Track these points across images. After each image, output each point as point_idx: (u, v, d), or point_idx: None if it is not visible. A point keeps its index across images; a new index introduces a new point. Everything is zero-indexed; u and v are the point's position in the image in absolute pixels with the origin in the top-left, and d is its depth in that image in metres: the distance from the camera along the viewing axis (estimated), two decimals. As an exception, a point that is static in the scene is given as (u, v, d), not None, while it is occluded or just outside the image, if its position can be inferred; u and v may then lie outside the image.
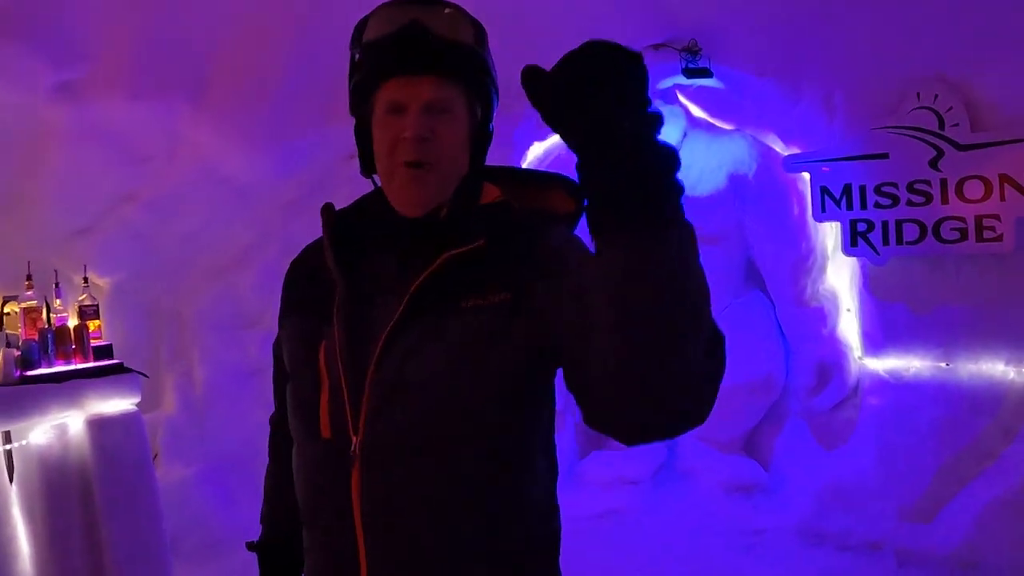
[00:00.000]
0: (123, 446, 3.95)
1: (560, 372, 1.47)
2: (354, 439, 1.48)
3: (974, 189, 4.50)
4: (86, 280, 4.43)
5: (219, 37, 4.45)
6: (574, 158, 1.20)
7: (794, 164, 5.06)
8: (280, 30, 4.49)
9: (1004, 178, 4.43)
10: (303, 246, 1.81)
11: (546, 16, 4.73)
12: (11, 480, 3.69)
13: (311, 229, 1.79)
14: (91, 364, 4.12)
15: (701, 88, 5.18)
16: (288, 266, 1.78)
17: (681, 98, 5.31)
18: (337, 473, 1.49)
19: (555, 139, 5.28)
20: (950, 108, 4.53)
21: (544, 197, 1.65)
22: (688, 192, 4.35)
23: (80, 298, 4.38)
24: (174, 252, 4.83)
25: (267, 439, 1.97)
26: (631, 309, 1.18)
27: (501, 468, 1.49)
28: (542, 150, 5.30)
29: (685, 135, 5.50)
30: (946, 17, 4.42)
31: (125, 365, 4.19)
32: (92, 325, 4.33)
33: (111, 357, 4.28)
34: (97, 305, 4.39)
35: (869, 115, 4.77)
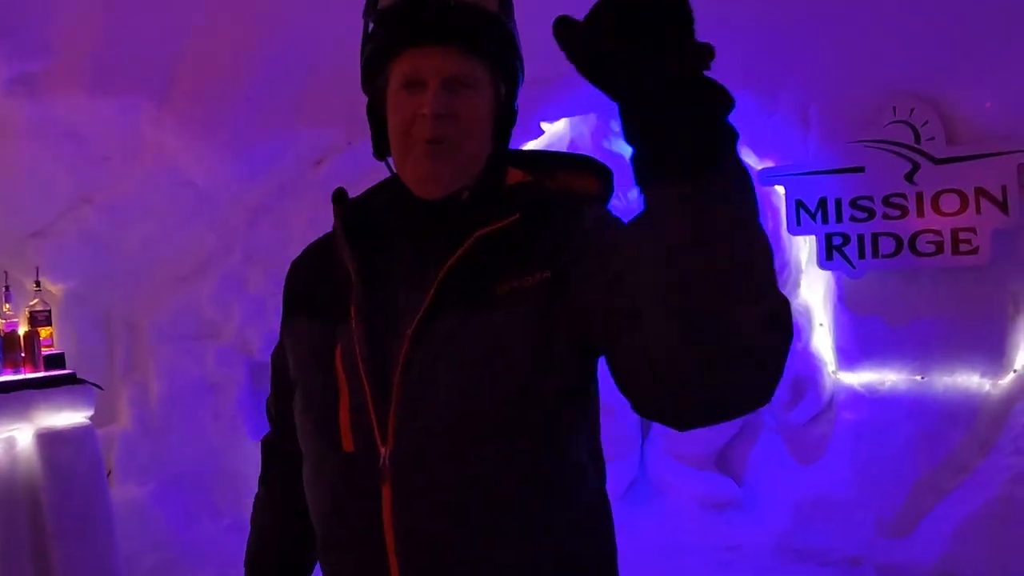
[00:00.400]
0: (75, 462, 3.76)
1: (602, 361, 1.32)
2: (382, 450, 1.31)
3: (950, 202, 4.53)
4: (38, 284, 4.20)
5: (187, 35, 4.30)
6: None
7: (769, 177, 5.04)
8: (250, 31, 4.34)
9: (980, 191, 4.45)
10: (267, 255, 1.66)
11: (530, 29, 4.65)
12: None
13: (275, 237, 1.66)
14: (42, 374, 3.92)
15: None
16: (288, 267, 1.61)
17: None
18: (364, 491, 1.32)
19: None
20: (926, 122, 4.56)
21: (571, 179, 1.48)
22: None
23: (31, 303, 4.14)
24: (132, 258, 4.61)
25: (226, 455, 1.83)
26: (685, 271, 1.02)
27: (552, 472, 1.34)
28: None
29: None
30: (922, 31, 4.46)
31: (78, 376, 3.98)
32: (43, 332, 4.10)
33: (63, 367, 4.06)
34: (49, 311, 4.16)
35: (845, 128, 4.78)
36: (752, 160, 5.25)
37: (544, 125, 5.00)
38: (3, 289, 4.09)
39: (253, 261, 4.66)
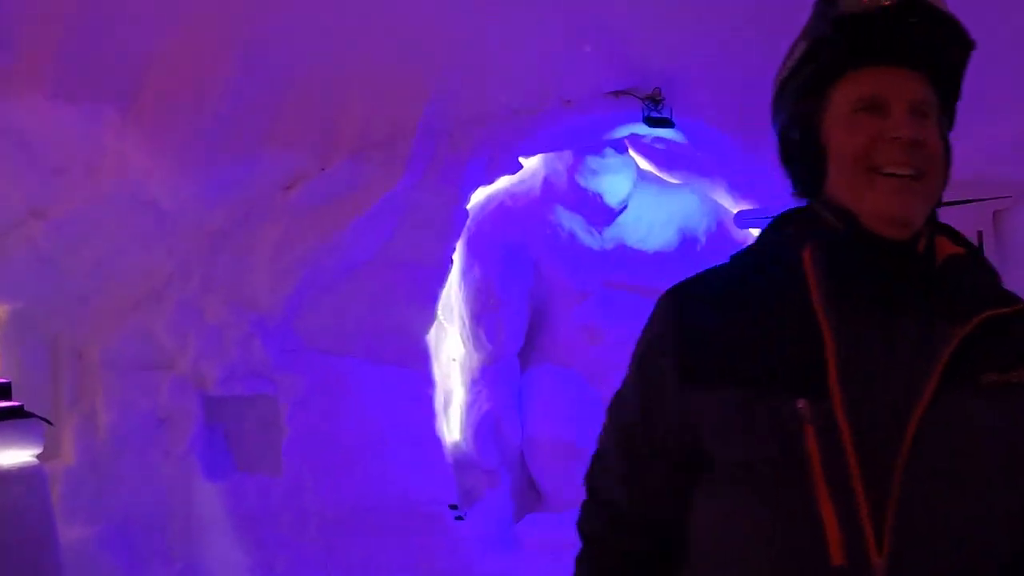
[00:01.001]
0: (23, 505, 3.40)
1: None
2: (876, 564, 1.07)
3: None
4: None
5: (157, 44, 4.06)
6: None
7: (745, 220, 5.00)
8: (223, 42, 4.13)
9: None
10: (227, 284, 1.40)
11: (506, 59, 4.55)
12: None
13: (237, 266, 1.43)
14: None
15: (652, 140, 5.09)
16: (669, 310, 1.26)
17: (630, 151, 5.20)
18: None
19: (499, 184, 5.03)
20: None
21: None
22: (637, 246, 4.14)
23: None
24: (83, 280, 4.30)
25: (179, 495, 1.66)
26: None
27: None
28: (484, 196, 5.04)
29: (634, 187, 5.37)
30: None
31: (26, 409, 3.61)
32: None
33: (9, 398, 3.69)
34: None
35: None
36: (728, 202, 5.22)
37: (522, 160, 4.88)
38: None
39: (212, 289, 4.39)
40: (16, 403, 3.66)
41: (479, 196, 4.99)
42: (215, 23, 4.05)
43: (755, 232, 4.92)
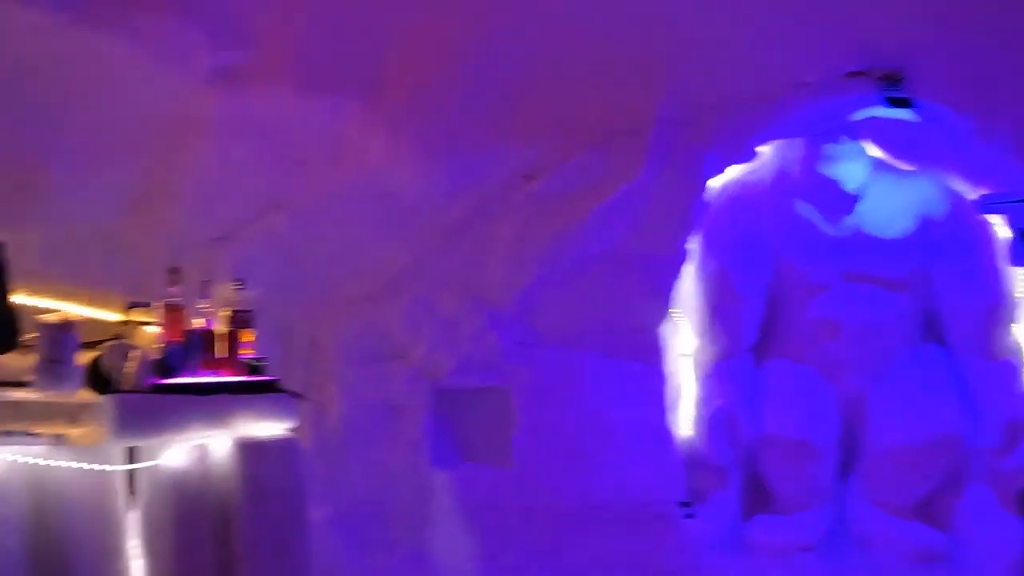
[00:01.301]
0: (277, 478, 3.34)
1: None
2: None
3: None
4: (240, 282, 3.79)
5: (398, 35, 4.04)
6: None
7: (990, 206, 4.70)
8: (463, 31, 4.08)
9: None
10: (461, 275, 1.28)
11: (738, 44, 4.37)
12: (132, 506, 3.09)
13: (472, 258, 1.29)
14: (242, 378, 3.49)
15: (885, 125, 4.83)
16: None
17: (864, 140, 4.95)
18: None
19: (731, 173, 4.85)
20: None
21: None
22: (875, 235, 3.84)
23: (232, 303, 3.73)
24: (319, 271, 4.34)
25: (406, 484, 1.48)
26: None
27: None
28: (717, 186, 4.89)
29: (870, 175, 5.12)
30: None
31: (280, 384, 3.57)
32: (244, 335, 3.72)
33: (262, 373, 3.65)
34: (252, 312, 3.75)
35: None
36: (964, 188, 4.92)
37: (758, 149, 4.72)
38: (200, 285, 3.67)
39: (447, 282, 4.38)
40: (272, 378, 3.64)
41: (713, 186, 4.83)
42: (455, 15, 4.01)
43: (1001, 219, 4.65)
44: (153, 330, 3.43)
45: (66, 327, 3.01)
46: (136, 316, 3.52)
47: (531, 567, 4.34)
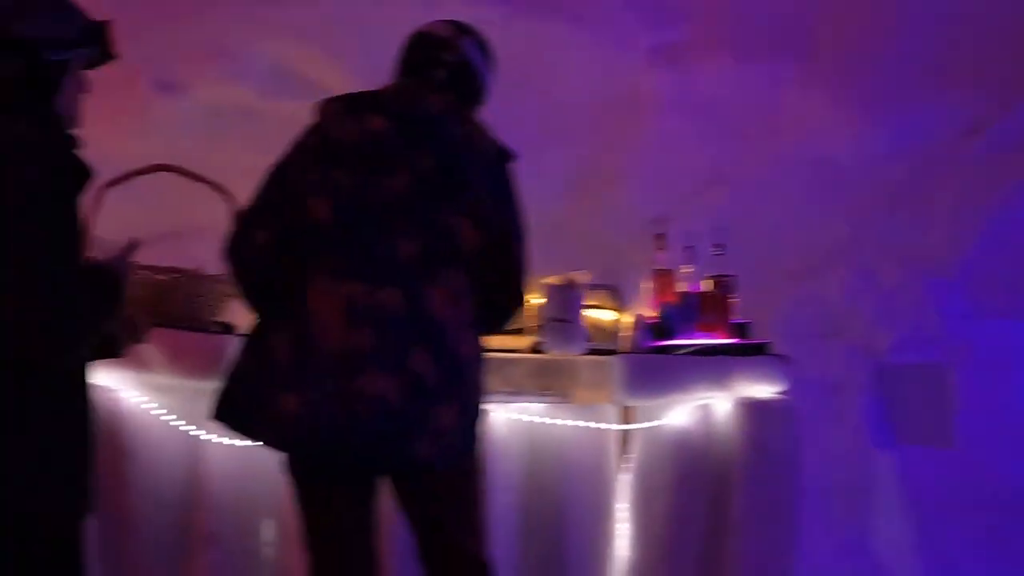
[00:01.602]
0: (779, 440, 3.27)
1: None
2: None
3: None
4: (720, 247, 3.84)
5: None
6: None
7: None
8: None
9: None
10: (902, 242, 1.07)
11: None
12: (623, 468, 3.23)
13: (914, 225, 1.06)
14: (735, 341, 3.52)
15: None
16: None
17: None
18: None
19: None
20: None
21: None
22: None
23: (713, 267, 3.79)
24: (755, 246, 4.32)
25: (844, 466, 1.45)
26: None
27: None
28: None
29: None
30: None
31: (770, 347, 3.55)
32: (729, 299, 3.76)
33: (750, 336, 3.64)
34: (735, 276, 3.74)
35: None
36: None
37: None
38: (683, 250, 3.69)
39: (887, 250, 4.14)
40: (763, 340, 3.62)
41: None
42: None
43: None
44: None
45: (571, 287, 3.20)
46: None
47: (971, 558, 3.86)
